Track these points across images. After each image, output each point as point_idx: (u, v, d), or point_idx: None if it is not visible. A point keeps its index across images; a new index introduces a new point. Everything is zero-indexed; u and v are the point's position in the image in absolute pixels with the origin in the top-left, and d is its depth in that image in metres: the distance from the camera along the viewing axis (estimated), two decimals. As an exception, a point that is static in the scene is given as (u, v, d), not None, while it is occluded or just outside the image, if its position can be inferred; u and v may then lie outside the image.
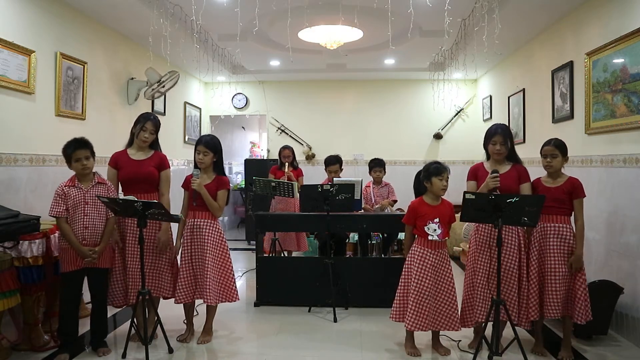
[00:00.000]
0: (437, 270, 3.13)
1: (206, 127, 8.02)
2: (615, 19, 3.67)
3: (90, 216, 3.11)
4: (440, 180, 3.13)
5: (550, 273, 3.10)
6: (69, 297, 3.12)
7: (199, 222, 3.36)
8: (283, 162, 5.59)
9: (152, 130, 3.41)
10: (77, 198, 3.09)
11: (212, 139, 3.41)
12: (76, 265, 3.07)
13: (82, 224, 3.08)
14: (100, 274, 3.19)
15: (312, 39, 5.27)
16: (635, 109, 3.41)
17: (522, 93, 5.63)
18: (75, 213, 3.08)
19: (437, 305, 3.13)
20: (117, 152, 3.46)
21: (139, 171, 3.37)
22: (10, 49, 3.47)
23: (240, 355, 3.24)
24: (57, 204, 3.06)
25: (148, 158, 3.44)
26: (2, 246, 3.10)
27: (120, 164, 3.39)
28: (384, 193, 5.20)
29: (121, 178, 3.39)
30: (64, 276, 3.11)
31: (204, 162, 3.35)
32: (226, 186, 3.44)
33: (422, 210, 3.17)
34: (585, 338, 3.48)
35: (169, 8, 4.39)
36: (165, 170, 3.49)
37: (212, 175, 3.41)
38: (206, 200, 3.31)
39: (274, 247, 5.08)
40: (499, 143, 3.21)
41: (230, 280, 3.44)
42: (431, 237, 3.11)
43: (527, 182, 3.24)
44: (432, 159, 8.27)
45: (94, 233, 3.12)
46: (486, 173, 3.23)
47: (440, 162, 3.20)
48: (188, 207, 3.40)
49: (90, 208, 3.12)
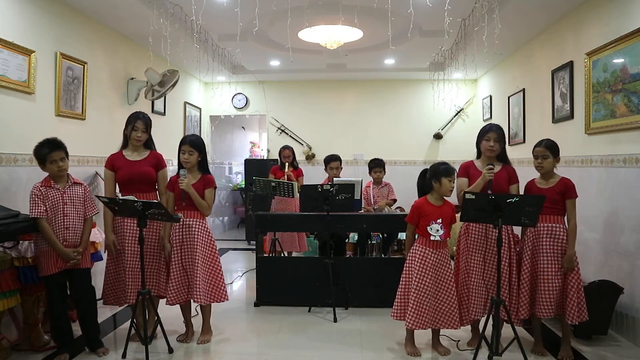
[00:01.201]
0: (437, 270, 3.13)
1: (206, 127, 8.02)
2: (615, 19, 3.67)
3: (70, 216, 3.08)
4: (449, 181, 3.13)
5: (543, 273, 3.11)
6: (56, 300, 3.08)
7: (189, 221, 3.35)
8: (283, 162, 5.59)
9: (144, 129, 3.40)
10: (55, 199, 3.04)
11: (197, 139, 3.41)
12: (57, 267, 3.02)
13: (62, 224, 3.05)
14: (83, 274, 3.18)
15: (312, 39, 5.26)
16: (635, 109, 3.41)
17: (522, 93, 5.63)
18: (55, 214, 3.03)
19: (438, 303, 3.14)
20: (112, 154, 3.47)
21: (136, 171, 3.37)
22: (10, 49, 3.47)
23: (240, 355, 3.24)
24: (36, 204, 2.98)
25: (144, 158, 3.44)
26: (2, 246, 3.10)
27: (117, 165, 3.38)
28: (384, 193, 5.20)
29: (119, 179, 3.39)
30: (47, 280, 3.05)
31: (190, 162, 3.35)
32: (213, 184, 3.45)
33: (426, 210, 3.17)
34: (585, 338, 3.48)
35: (169, 8, 4.39)
36: (163, 169, 3.50)
37: (197, 175, 3.41)
38: (195, 199, 3.30)
39: (274, 247, 5.08)
40: (492, 139, 3.23)
41: (219, 280, 3.43)
42: (433, 237, 3.11)
43: (516, 183, 3.29)
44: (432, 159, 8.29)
45: (75, 233, 3.09)
46: (477, 171, 3.26)
47: (448, 163, 3.19)
48: (174, 208, 3.39)
49: (69, 208, 3.09)
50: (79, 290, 3.18)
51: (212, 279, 3.41)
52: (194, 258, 3.31)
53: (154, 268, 3.40)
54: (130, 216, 3.18)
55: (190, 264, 3.33)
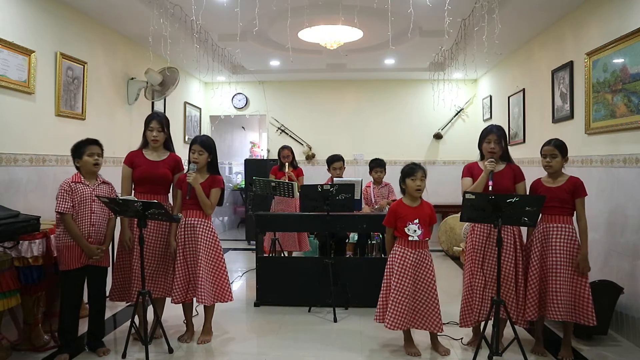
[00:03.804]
0: (417, 269, 3.14)
1: (206, 127, 8.02)
2: (615, 19, 3.67)
3: (97, 213, 3.12)
4: (413, 180, 3.16)
5: (553, 274, 3.09)
6: (71, 296, 3.10)
7: (193, 221, 3.36)
8: (282, 162, 5.59)
9: (159, 128, 3.40)
10: (84, 195, 3.08)
11: (207, 139, 3.43)
12: (79, 262, 3.05)
13: (89, 221, 3.08)
14: (101, 272, 3.20)
15: (312, 39, 5.26)
16: (635, 109, 3.41)
17: (522, 93, 5.63)
18: (83, 210, 3.07)
19: (417, 304, 3.14)
20: (132, 151, 3.47)
21: (154, 172, 3.37)
22: (10, 49, 3.47)
23: (240, 355, 3.24)
24: (64, 199, 3.02)
25: (163, 160, 3.44)
26: (2, 246, 3.10)
27: (137, 163, 3.38)
28: (384, 193, 5.20)
29: (136, 177, 3.38)
30: (66, 274, 3.07)
31: (199, 162, 3.36)
32: (220, 185, 3.45)
33: (401, 211, 3.19)
34: (585, 338, 3.48)
35: (169, 8, 4.39)
36: (180, 172, 3.50)
37: (205, 175, 3.42)
38: (199, 195, 3.31)
39: (274, 247, 5.08)
40: (493, 141, 3.23)
41: (224, 280, 3.43)
42: (411, 237, 3.13)
43: (522, 181, 3.28)
44: (432, 159, 8.28)
45: (100, 231, 3.13)
46: (481, 171, 3.26)
47: (416, 163, 3.23)
48: (182, 205, 3.40)
49: (97, 206, 3.12)
50: (96, 289, 3.20)
51: (217, 279, 3.41)
52: (197, 258, 3.32)
53: (161, 269, 3.40)
54: (131, 216, 3.18)
55: (193, 264, 3.33)
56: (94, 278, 3.18)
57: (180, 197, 3.39)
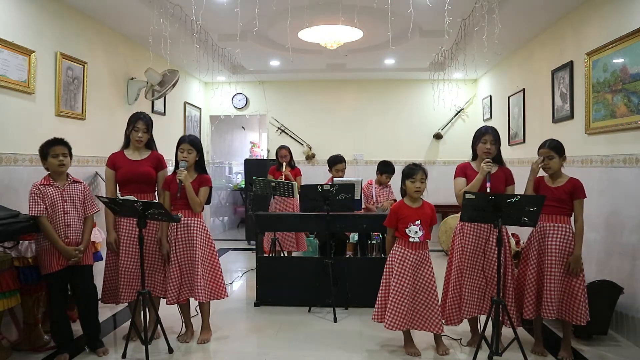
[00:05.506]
0: (417, 270, 3.14)
1: (206, 127, 8.02)
2: (615, 19, 3.67)
3: (70, 214, 3.09)
4: (412, 182, 3.16)
5: (548, 273, 3.10)
6: (58, 298, 3.08)
7: (187, 220, 3.36)
8: (280, 162, 5.58)
9: (144, 129, 3.42)
10: (54, 196, 3.04)
11: (195, 138, 3.45)
12: (59, 265, 3.01)
13: (63, 222, 3.05)
14: (85, 271, 3.18)
15: (312, 39, 5.26)
16: (635, 109, 3.41)
17: (522, 93, 5.63)
18: (55, 212, 3.04)
19: (416, 304, 3.14)
20: (114, 153, 3.47)
21: (136, 171, 3.38)
22: (10, 49, 3.47)
23: (240, 355, 3.24)
24: (35, 202, 2.98)
25: (145, 158, 3.46)
26: (2, 246, 3.10)
27: (118, 164, 3.39)
28: (385, 193, 5.21)
29: (119, 178, 3.39)
30: (49, 277, 3.04)
31: (188, 160, 3.37)
32: (208, 183, 3.47)
33: (403, 212, 3.19)
34: (585, 338, 3.48)
35: (169, 8, 4.39)
36: (163, 170, 3.52)
37: (194, 174, 3.43)
38: (189, 193, 3.31)
39: (274, 247, 5.08)
40: (489, 142, 3.24)
41: (219, 277, 3.46)
42: (412, 239, 3.13)
43: (512, 184, 3.31)
44: (432, 159, 8.27)
45: (76, 231, 3.10)
46: (474, 172, 3.28)
47: (416, 164, 3.22)
48: (171, 207, 3.39)
49: (69, 206, 3.09)
50: (81, 288, 3.18)
51: (212, 276, 3.44)
52: (194, 257, 3.32)
53: (150, 269, 3.40)
54: (131, 216, 3.18)
55: (191, 263, 3.33)
56: (79, 278, 3.15)
57: (169, 198, 3.39)
